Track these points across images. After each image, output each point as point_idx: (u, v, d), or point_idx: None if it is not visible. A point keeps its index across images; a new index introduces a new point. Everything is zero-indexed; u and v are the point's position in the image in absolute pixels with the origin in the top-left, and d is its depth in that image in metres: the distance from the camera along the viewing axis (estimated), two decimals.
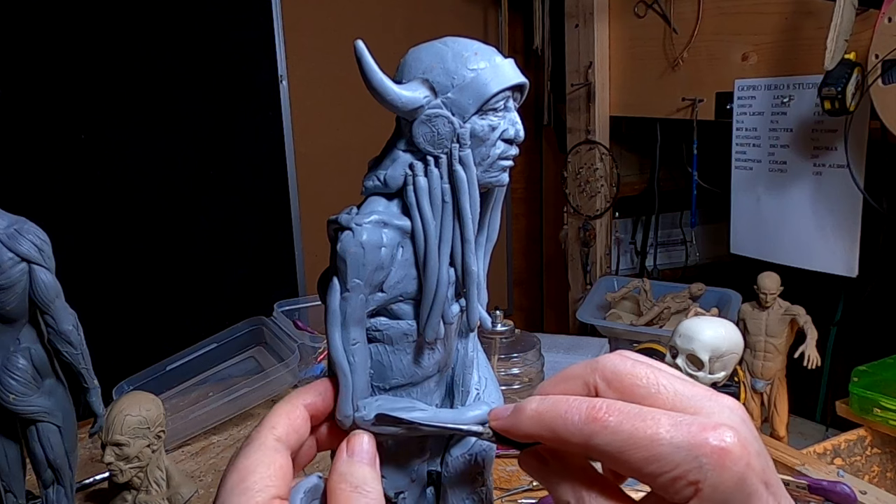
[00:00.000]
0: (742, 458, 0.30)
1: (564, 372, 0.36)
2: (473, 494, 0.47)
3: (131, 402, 0.93)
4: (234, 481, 0.35)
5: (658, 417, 0.31)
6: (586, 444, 0.32)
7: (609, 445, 0.31)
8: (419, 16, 2.15)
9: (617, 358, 0.35)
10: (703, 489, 0.30)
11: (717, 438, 0.30)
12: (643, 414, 0.32)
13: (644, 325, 1.54)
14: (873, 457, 1.13)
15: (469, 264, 0.41)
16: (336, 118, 2.05)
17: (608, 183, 1.90)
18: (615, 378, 0.34)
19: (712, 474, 0.30)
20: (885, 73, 1.14)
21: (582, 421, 0.32)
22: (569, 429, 0.33)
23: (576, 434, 0.32)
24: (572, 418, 0.33)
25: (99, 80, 1.73)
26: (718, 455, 0.30)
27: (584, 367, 0.35)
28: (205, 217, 1.93)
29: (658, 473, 0.31)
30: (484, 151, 0.41)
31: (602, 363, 0.35)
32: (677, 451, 0.30)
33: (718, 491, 0.30)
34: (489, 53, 0.41)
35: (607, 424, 0.32)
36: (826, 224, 1.39)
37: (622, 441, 0.31)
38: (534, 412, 0.34)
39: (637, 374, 0.34)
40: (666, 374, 0.34)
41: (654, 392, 0.33)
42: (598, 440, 0.32)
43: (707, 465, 0.30)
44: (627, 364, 0.34)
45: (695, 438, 0.30)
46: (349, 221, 0.40)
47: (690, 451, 0.30)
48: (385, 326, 0.41)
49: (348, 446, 0.38)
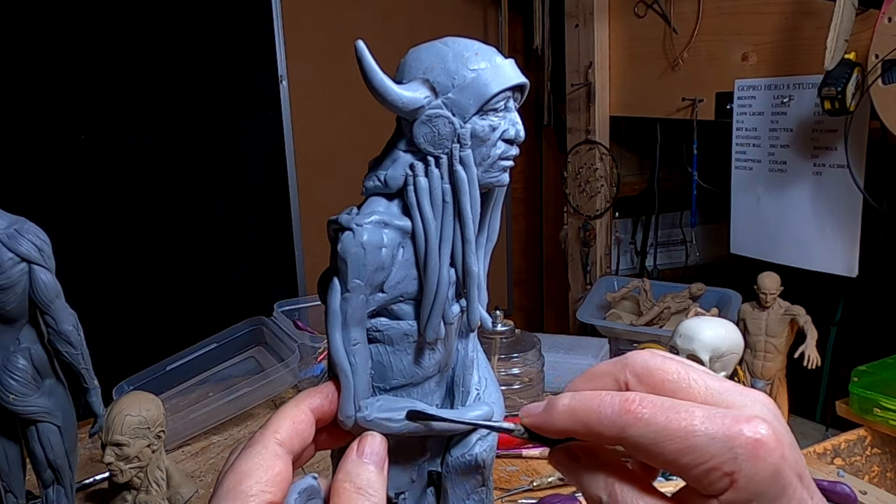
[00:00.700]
0: (776, 450, 0.30)
1: (594, 369, 0.37)
2: (473, 494, 0.47)
3: (131, 402, 0.93)
4: (231, 483, 0.35)
5: (692, 409, 0.31)
6: (620, 436, 0.32)
7: (643, 437, 0.31)
8: (419, 16, 2.15)
9: (647, 354, 0.35)
10: (738, 480, 0.30)
11: (752, 430, 0.30)
12: (676, 406, 0.32)
13: (644, 325, 1.54)
14: (873, 457, 1.13)
15: (469, 264, 0.41)
16: (336, 118, 2.05)
17: (608, 183, 1.90)
18: (646, 373, 0.34)
19: (747, 465, 0.30)
20: (885, 73, 1.14)
21: (615, 413, 0.32)
22: (602, 422, 0.33)
23: (609, 427, 0.33)
24: (605, 411, 0.33)
25: (99, 80, 1.73)
26: (753, 446, 0.30)
27: (615, 363, 0.36)
28: (205, 217, 1.93)
29: (693, 465, 0.31)
30: (484, 151, 0.41)
31: (632, 359, 0.35)
32: (712, 443, 0.30)
33: (753, 482, 0.30)
34: (489, 53, 0.41)
35: (641, 416, 0.32)
36: (826, 224, 1.39)
37: (656, 433, 0.31)
38: (566, 407, 0.35)
39: (668, 369, 0.34)
40: (696, 369, 0.34)
41: (685, 387, 0.33)
42: (632, 432, 0.32)
43: (742, 456, 0.30)
44: (657, 360, 0.34)
45: (729, 430, 0.30)
46: (350, 222, 0.40)
47: (725, 442, 0.30)
48: (385, 327, 0.41)
49: (359, 446, 0.38)
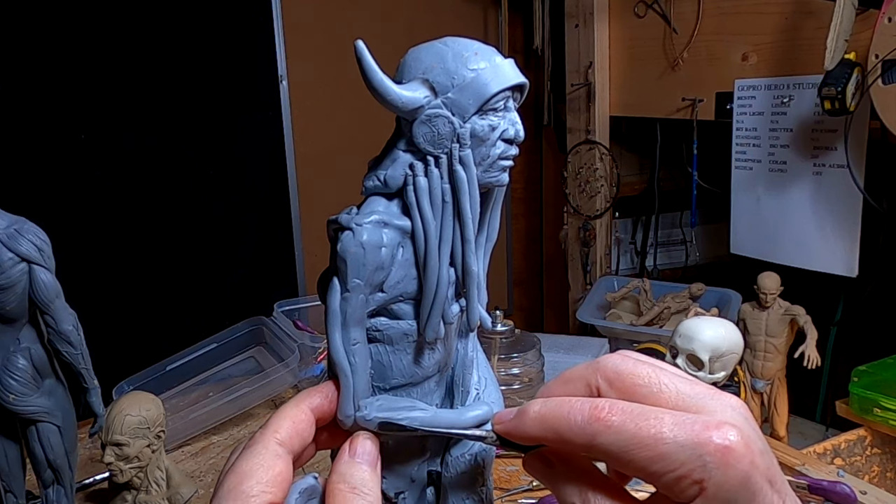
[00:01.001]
0: (746, 457, 0.30)
1: (566, 374, 0.36)
2: (473, 494, 0.47)
3: (131, 402, 0.93)
4: (232, 483, 0.35)
5: (661, 416, 0.31)
6: (590, 444, 0.32)
7: (613, 445, 0.31)
8: (419, 16, 2.15)
9: (618, 358, 0.35)
10: (707, 488, 0.30)
11: (721, 437, 0.30)
12: (646, 413, 0.31)
13: (644, 325, 1.54)
14: (873, 457, 1.13)
15: (469, 264, 0.41)
16: (336, 118, 2.05)
17: (608, 183, 1.90)
18: (617, 378, 0.34)
19: (717, 472, 0.30)
20: (885, 73, 1.14)
21: (585, 421, 0.32)
22: (572, 430, 0.33)
23: (579, 435, 0.32)
24: (575, 419, 0.33)
25: (99, 80, 1.73)
26: (722, 453, 0.30)
27: (586, 368, 0.35)
28: (205, 217, 1.93)
29: (662, 472, 0.30)
30: (484, 151, 0.41)
31: (603, 364, 0.35)
32: (681, 450, 0.30)
33: (723, 489, 0.30)
34: (489, 53, 0.41)
35: (610, 424, 0.32)
36: (826, 224, 1.39)
37: (626, 441, 0.31)
38: (537, 414, 0.34)
39: (639, 373, 0.34)
40: (668, 373, 0.34)
41: (656, 391, 0.33)
42: (602, 440, 0.32)
43: (711, 463, 0.30)
44: (629, 364, 0.34)
45: (698, 437, 0.30)
46: (349, 221, 0.40)
47: (694, 449, 0.30)
48: (385, 326, 0.41)
49: (350, 446, 0.38)
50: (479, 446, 0.46)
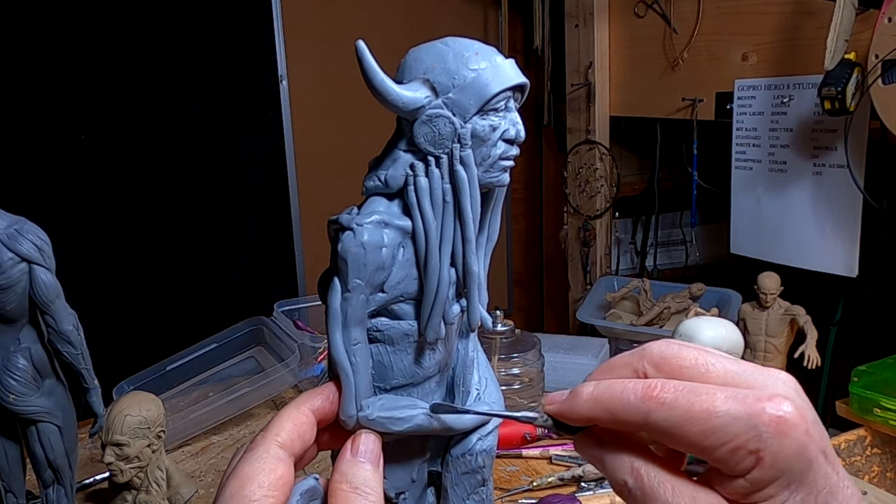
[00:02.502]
0: (800, 426, 0.30)
1: (611, 361, 0.37)
2: (473, 494, 0.47)
3: (131, 402, 0.93)
4: (234, 488, 0.35)
5: (713, 391, 0.31)
6: (644, 421, 0.33)
7: (666, 421, 0.32)
8: (419, 16, 2.15)
9: (663, 344, 0.35)
10: (764, 457, 0.30)
11: (775, 407, 0.30)
12: (698, 389, 0.32)
13: (644, 325, 1.54)
14: (873, 457, 1.13)
15: (470, 264, 0.41)
16: (336, 118, 2.05)
17: (608, 183, 1.90)
18: (663, 362, 0.34)
19: (772, 442, 0.30)
20: (885, 73, 1.14)
21: (638, 399, 0.33)
22: (626, 408, 0.33)
23: (633, 413, 0.33)
24: (628, 398, 0.33)
25: (99, 80, 1.73)
26: (777, 423, 0.30)
27: (631, 355, 0.36)
28: (205, 217, 1.93)
29: (717, 445, 0.31)
30: (485, 151, 0.41)
31: (649, 350, 0.35)
32: (735, 422, 0.30)
33: (779, 459, 0.30)
34: (490, 53, 0.41)
35: (664, 401, 0.32)
36: (826, 224, 1.39)
37: (679, 416, 0.31)
38: (590, 395, 0.35)
39: (685, 356, 0.34)
40: (713, 354, 0.34)
41: (703, 371, 0.33)
42: (656, 416, 0.32)
43: (766, 433, 0.30)
44: (674, 348, 0.35)
45: (752, 409, 0.30)
46: (350, 222, 0.40)
47: (748, 420, 0.30)
48: (386, 327, 0.41)
49: (353, 446, 0.38)
50: (480, 446, 0.46)
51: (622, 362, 0.36)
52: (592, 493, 0.98)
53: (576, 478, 1.00)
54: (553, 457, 1.09)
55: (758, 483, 0.31)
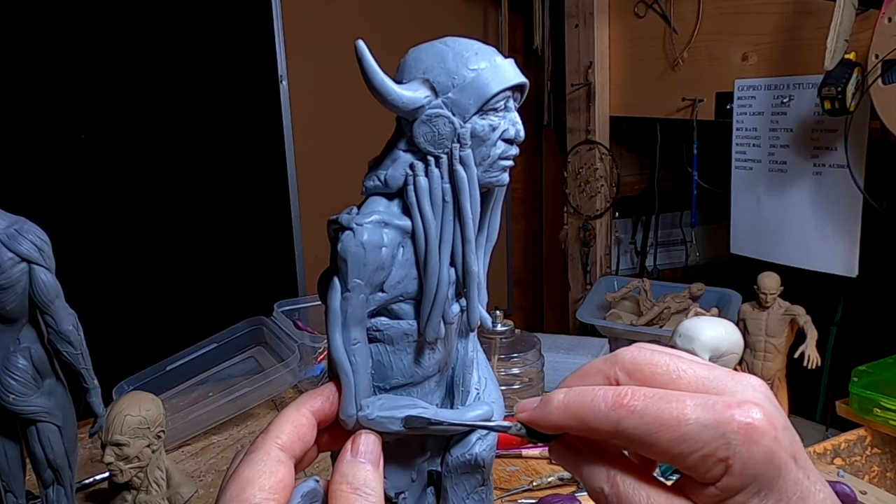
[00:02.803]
0: (769, 433, 0.30)
1: (583, 368, 0.37)
2: (473, 494, 0.47)
3: (131, 402, 0.93)
4: (235, 491, 0.35)
5: (683, 399, 0.32)
6: (614, 429, 0.33)
7: (637, 429, 0.32)
8: (419, 16, 2.15)
9: (635, 350, 0.35)
10: (733, 465, 0.30)
11: (743, 414, 0.30)
12: (668, 396, 0.32)
13: (644, 325, 1.54)
14: (873, 457, 1.13)
15: (469, 264, 0.41)
16: (336, 118, 2.05)
17: (608, 183, 1.90)
18: (635, 369, 0.34)
19: (741, 450, 0.30)
20: (885, 73, 1.14)
21: (609, 407, 0.33)
22: (596, 416, 0.33)
23: (603, 421, 0.33)
24: (599, 406, 0.33)
25: (99, 80, 1.73)
26: (745, 431, 0.30)
27: (604, 361, 0.36)
28: (205, 217, 1.93)
29: (687, 453, 0.31)
30: (484, 151, 0.41)
31: (621, 356, 0.35)
32: (704, 430, 0.30)
33: (749, 466, 0.30)
34: (489, 53, 0.41)
35: (634, 409, 0.32)
36: (826, 224, 1.39)
37: (649, 424, 0.31)
38: (561, 403, 0.35)
39: (656, 362, 0.34)
40: (685, 359, 0.34)
41: (675, 378, 0.33)
42: (626, 424, 0.32)
43: (735, 441, 0.30)
44: (646, 354, 0.35)
45: (721, 416, 0.30)
46: (350, 221, 0.40)
47: (717, 428, 0.30)
48: (386, 326, 0.41)
49: (353, 446, 0.38)
50: (479, 446, 0.46)
51: (595, 368, 0.36)
52: None
53: (576, 478, 1.00)
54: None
55: (728, 490, 0.31)
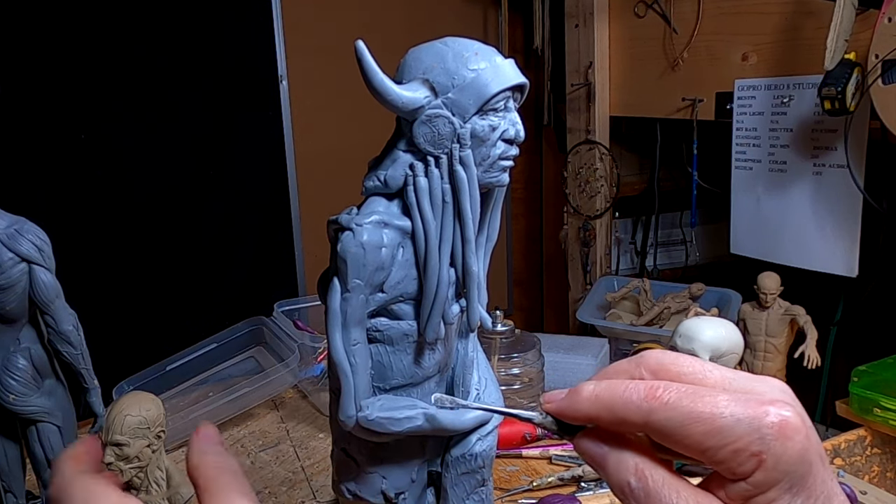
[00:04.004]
0: (802, 431, 0.31)
1: (608, 369, 0.37)
2: (473, 494, 0.47)
3: (131, 402, 0.93)
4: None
5: (715, 394, 0.32)
6: (645, 421, 0.33)
7: (669, 421, 0.32)
8: (419, 16, 2.15)
9: (658, 352, 0.36)
10: (766, 460, 0.30)
11: (777, 411, 0.31)
12: (700, 391, 0.32)
13: (644, 325, 1.54)
14: (873, 457, 1.13)
15: (469, 264, 0.41)
16: (336, 118, 2.05)
17: (608, 183, 1.90)
18: (661, 368, 0.35)
19: (775, 445, 0.30)
20: (885, 73, 1.14)
21: (641, 399, 0.33)
22: (628, 407, 0.33)
23: (635, 412, 0.33)
24: (631, 396, 0.33)
25: (99, 79, 1.73)
26: (780, 427, 0.30)
27: (628, 362, 0.36)
28: (205, 217, 1.93)
29: (719, 446, 0.31)
30: (484, 152, 0.41)
31: (646, 357, 0.36)
32: (738, 424, 0.31)
33: (782, 462, 0.30)
34: (489, 53, 0.41)
35: (667, 401, 0.32)
36: (826, 224, 1.39)
37: (682, 416, 0.32)
38: (591, 393, 0.35)
39: (682, 363, 0.35)
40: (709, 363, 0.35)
41: (701, 378, 0.34)
42: (658, 416, 0.32)
43: (769, 436, 0.30)
44: (670, 356, 0.35)
45: (755, 412, 0.31)
46: (349, 222, 0.40)
47: (751, 423, 0.31)
48: (385, 327, 0.41)
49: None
50: (479, 446, 0.46)
51: (619, 369, 0.36)
52: (592, 493, 0.98)
53: (576, 478, 1.00)
54: (553, 457, 1.09)
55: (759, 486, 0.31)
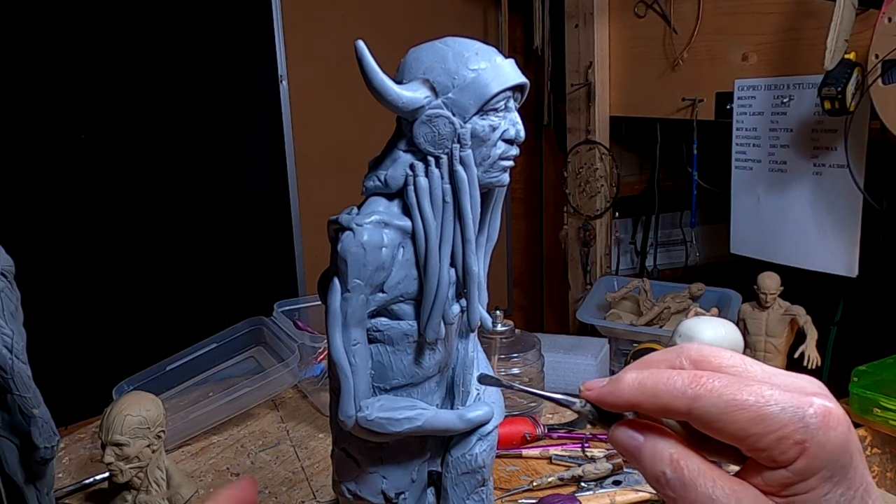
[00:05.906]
0: (844, 422, 0.31)
1: (646, 358, 0.37)
2: (473, 494, 0.47)
3: (131, 402, 0.93)
4: None
5: (759, 383, 0.32)
6: (689, 407, 0.33)
7: (714, 407, 0.32)
8: (419, 16, 2.15)
9: (699, 345, 0.36)
10: (809, 448, 0.31)
11: (821, 402, 0.31)
12: (744, 380, 0.33)
13: (644, 325, 1.54)
14: (873, 457, 1.13)
15: (470, 264, 0.41)
16: (336, 118, 2.05)
17: (608, 183, 1.90)
18: (702, 359, 0.35)
19: (819, 434, 0.31)
20: (885, 73, 1.14)
21: (685, 385, 0.33)
22: (672, 393, 0.33)
23: (679, 398, 0.33)
24: (675, 383, 0.33)
25: (99, 80, 1.73)
26: (824, 416, 0.31)
27: (668, 352, 0.36)
28: (205, 217, 1.93)
29: (763, 434, 0.31)
30: (485, 152, 0.41)
31: (686, 347, 0.36)
32: (783, 412, 0.31)
33: (825, 450, 0.31)
34: (490, 53, 0.41)
35: (712, 388, 0.32)
36: (826, 224, 1.39)
37: (727, 403, 0.32)
38: (634, 379, 0.35)
39: (723, 355, 0.35)
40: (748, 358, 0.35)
41: (741, 370, 0.34)
42: (702, 403, 0.32)
43: (813, 425, 0.31)
44: (711, 349, 0.36)
45: (800, 401, 0.31)
46: (350, 222, 0.40)
47: (796, 412, 0.31)
48: (386, 327, 0.41)
49: None
50: (480, 447, 0.46)
51: (658, 358, 0.36)
52: (592, 493, 0.98)
53: (576, 478, 1.00)
54: (553, 457, 1.09)
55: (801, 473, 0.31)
